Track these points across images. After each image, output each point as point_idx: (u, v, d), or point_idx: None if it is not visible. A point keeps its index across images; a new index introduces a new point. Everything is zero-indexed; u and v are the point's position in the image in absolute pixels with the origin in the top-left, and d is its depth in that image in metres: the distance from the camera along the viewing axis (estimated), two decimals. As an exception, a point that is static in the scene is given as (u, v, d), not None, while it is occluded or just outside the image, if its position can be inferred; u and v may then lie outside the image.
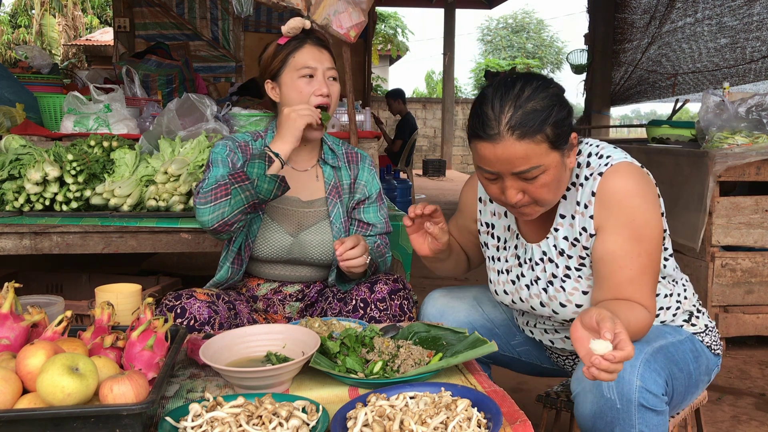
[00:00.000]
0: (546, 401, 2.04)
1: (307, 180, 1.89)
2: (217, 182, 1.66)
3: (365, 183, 1.95)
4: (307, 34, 1.81)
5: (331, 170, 1.91)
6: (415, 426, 1.02)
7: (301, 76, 1.78)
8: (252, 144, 1.88)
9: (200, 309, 1.64)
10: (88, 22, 19.72)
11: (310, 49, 1.79)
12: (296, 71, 1.78)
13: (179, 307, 1.63)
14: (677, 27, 7.12)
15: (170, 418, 1.07)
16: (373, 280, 1.77)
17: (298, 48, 1.79)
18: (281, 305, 1.88)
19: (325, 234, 1.85)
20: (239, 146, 1.85)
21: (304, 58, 1.78)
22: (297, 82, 1.78)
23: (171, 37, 6.82)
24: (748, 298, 3.31)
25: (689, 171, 3.35)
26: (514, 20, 28.47)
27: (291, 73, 1.78)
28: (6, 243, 2.31)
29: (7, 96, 3.34)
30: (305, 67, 1.77)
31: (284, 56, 1.79)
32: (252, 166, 1.65)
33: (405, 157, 8.41)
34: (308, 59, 1.78)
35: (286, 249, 1.82)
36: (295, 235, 1.83)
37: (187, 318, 1.62)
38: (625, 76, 8.10)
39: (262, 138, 1.89)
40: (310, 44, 1.80)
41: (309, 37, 1.81)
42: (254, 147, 1.87)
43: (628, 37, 7.96)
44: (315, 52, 1.80)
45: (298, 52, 1.79)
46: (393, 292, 1.74)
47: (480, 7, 13.37)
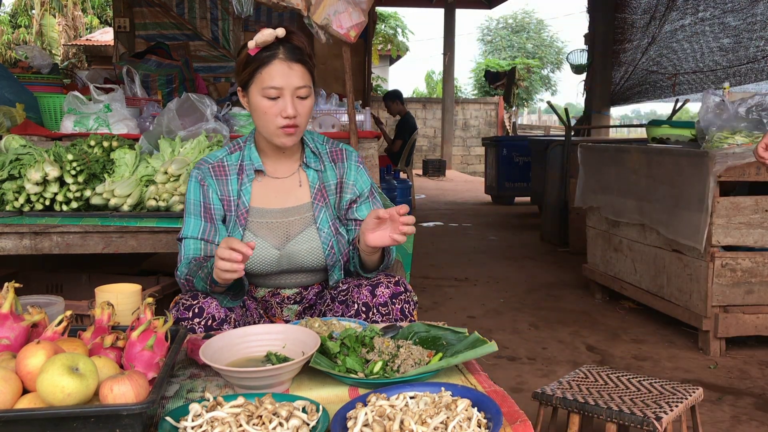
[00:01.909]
0: (542, 399, 2.04)
1: (290, 187, 1.84)
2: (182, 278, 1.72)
3: (354, 181, 1.88)
4: (280, 44, 1.68)
5: (314, 174, 1.85)
6: (415, 426, 1.02)
7: (266, 96, 1.68)
8: (227, 160, 1.82)
9: (217, 308, 1.63)
10: (88, 22, 19.72)
11: (278, 66, 1.66)
12: (262, 89, 1.67)
13: (197, 307, 1.62)
14: (678, 27, 7.12)
15: (170, 418, 1.07)
16: (375, 283, 1.74)
17: (265, 63, 1.67)
18: (279, 308, 1.87)
19: (314, 241, 1.81)
20: (212, 169, 1.80)
21: (270, 76, 1.66)
22: (262, 102, 1.68)
23: (171, 37, 6.81)
24: (748, 298, 3.31)
25: (689, 171, 3.35)
26: (514, 20, 28.46)
27: (257, 89, 1.68)
28: (6, 243, 2.31)
29: (7, 96, 3.34)
30: (271, 87, 1.66)
31: (252, 70, 1.68)
32: (198, 281, 1.64)
33: (405, 157, 8.42)
34: (275, 77, 1.66)
35: (274, 263, 1.79)
36: (281, 247, 1.79)
37: (205, 317, 1.61)
38: (625, 76, 8.10)
39: (240, 150, 1.83)
40: (280, 60, 1.66)
41: (280, 51, 1.67)
42: (229, 163, 1.81)
43: (628, 37, 7.95)
44: (284, 68, 1.66)
45: (265, 69, 1.67)
46: (395, 295, 1.71)
47: (480, 7, 13.37)
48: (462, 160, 16.22)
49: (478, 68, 24.72)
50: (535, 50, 27.25)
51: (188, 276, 1.69)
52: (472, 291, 4.70)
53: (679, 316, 3.53)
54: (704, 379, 3.05)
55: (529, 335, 3.71)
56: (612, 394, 2.01)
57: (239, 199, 1.80)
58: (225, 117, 3.33)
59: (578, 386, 2.07)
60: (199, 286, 1.64)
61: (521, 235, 7.00)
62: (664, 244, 3.62)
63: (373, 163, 3.40)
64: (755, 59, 6.18)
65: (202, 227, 1.78)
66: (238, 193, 1.80)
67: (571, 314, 4.10)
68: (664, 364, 3.25)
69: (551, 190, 6.33)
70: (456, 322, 3.88)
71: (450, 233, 7.22)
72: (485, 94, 20.85)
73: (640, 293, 3.87)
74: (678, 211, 3.45)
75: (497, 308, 4.27)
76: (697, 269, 3.35)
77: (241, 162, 1.82)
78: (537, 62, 25.11)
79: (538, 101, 25.88)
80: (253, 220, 1.80)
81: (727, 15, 6.45)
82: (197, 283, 1.64)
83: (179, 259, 1.78)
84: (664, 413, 1.85)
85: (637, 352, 3.42)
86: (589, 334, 3.72)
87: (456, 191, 11.39)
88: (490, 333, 3.69)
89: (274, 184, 1.83)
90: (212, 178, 1.80)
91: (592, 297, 4.46)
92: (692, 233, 3.31)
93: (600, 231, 4.33)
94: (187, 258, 1.75)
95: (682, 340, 3.58)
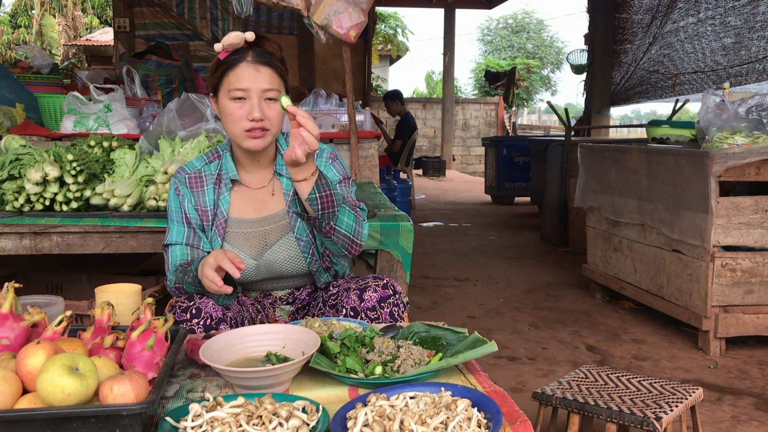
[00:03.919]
0: (542, 399, 2.04)
1: (264, 197, 1.81)
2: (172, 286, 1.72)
3: None
4: (249, 49, 1.65)
5: (287, 181, 1.80)
6: (415, 426, 1.02)
7: (233, 98, 1.65)
8: (204, 170, 1.80)
9: (214, 307, 1.63)
10: (88, 22, 19.72)
11: (245, 68, 1.64)
12: (229, 92, 1.65)
13: (194, 308, 1.61)
14: (679, 27, 7.12)
15: (170, 418, 1.07)
16: (363, 287, 1.71)
17: (232, 66, 1.64)
18: (272, 308, 1.87)
19: (292, 249, 1.79)
20: (189, 179, 1.79)
21: (237, 78, 1.64)
22: (229, 104, 1.66)
23: (171, 37, 6.82)
24: (748, 298, 3.31)
25: (689, 171, 3.35)
26: (514, 20, 28.46)
27: (225, 93, 1.66)
28: (6, 243, 2.31)
29: (7, 96, 3.34)
30: (237, 89, 1.64)
31: (220, 73, 1.66)
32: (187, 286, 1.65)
33: (405, 157, 8.42)
34: (242, 80, 1.63)
35: (253, 272, 1.78)
36: (258, 257, 1.78)
37: (203, 317, 1.61)
38: (625, 76, 8.10)
39: (219, 159, 1.81)
40: (247, 62, 1.64)
41: (249, 54, 1.65)
42: (207, 172, 1.80)
43: (629, 37, 7.96)
44: (250, 71, 1.64)
45: (232, 71, 1.64)
46: (383, 299, 1.70)
47: (480, 7, 13.38)
48: (462, 160, 16.22)
49: (478, 68, 24.72)
50: (535, 50, 27.25)
51: (177, 284, 1.70)
52: (471, 291, 4.70)
53: (679, 316, 3.53)
54: (704, 379, 3.05)
55: (529, 335, 3.71)
56: (612, 394, 2.01)
57: (217, 209, 1.78)
58: (225, 117, 3.33)
59: (578, 386, 2.07)
60: (190, 290, 1.65)
61: (521, 235, 7.00)
62: (664, 244, 3.62)
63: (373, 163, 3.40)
64: (756, 59, 6.18)
65: (185, 233, 1.78)
66: (215, 203, 1.78)
67: (571, 314, 4.10)
68: (664, 364, 3.25)
69: (551, 190, 6.33)
70: (456, 322, 3.88)
71: (450, 233, 7.22)
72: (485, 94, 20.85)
73: (640, 293, 3.87)
74: (678, 211, 3.45)
75: (497, 308, 4.27)
76: (697, 269, 3.35)
77: (219, 171, 1.80)
78: (537, 62, 25.11)
79: (538, 101, 25.89)
80: (230, 230, 1.78)
81: (729, 15, 6.45)
82: (188, 288, 1.65)
83: (167, 267, 1.77)
84: (664, 413, 1.85)
85: (637, 352, 3.42)
86: (589, 334, 3.72)
87: (456, 191, 11.39)
88: (490, 333, 3.69)
89: (250, 193, 1.81)
90: (187, 188, 1.79)
91: (592, 297, 4.46)
92: (696, 233, 3.31)
93: (600, 231, 4.33)
94: (174, 265, 1.76)
95: (682, 340, 3.58)
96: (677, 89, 7.30)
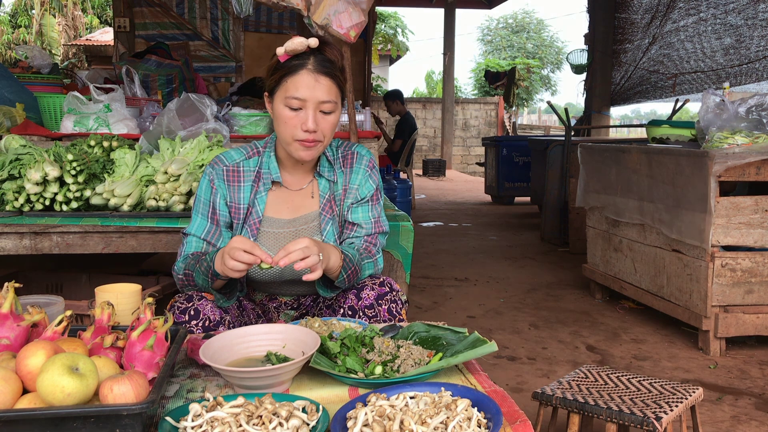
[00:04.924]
0: (542, 399, 2.04)
1: (302, 198, 1.81)
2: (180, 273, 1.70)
3: (358, 185, 1.83)
4: (311, 55, 1.62)
5: (326, 183, 1.80)
6: (415, 426, 1.02)
7: (288, 105, 1.63)
8: (243, 164, 1.77)
9: (212, 310, 1.62)
10: (88, 22, 19.73)
11: (304, 76, 1.61)
12: (284, 98, 1.63)
13: (192, 309, 1.61)
14: (679, 27, 7.12)
15: (170, 418, 1.07)
16: (360, 286, 1.71)
17: (291, 73, 1.62)
18: (276, 312, 1.87)
19: None
20: (227, 172, 1.76)
21: (295, 86, 1.61)
22: (284, 110, 1.64)
23: (171, 37, 6.82)
24: (748, 298, 3.31)
25: (689, 171, 3.35)
26: (514, 20, 28.46)
27: (281, 98, 1.64)
28: (6, 243, 2.31)
29: (7, 96, 3.34)
30: (294, 98, 1.62)
31: (279, 77, 1.64)
32: (198, 275, 1.61)
33: (405, 157, 8.42)
34: (300, 88, 1.61)
35: (278, 273, 1.76)
36: None
37: (202, 319, 1.60)
38: (625, 76, 8.10)
39: (259, 155, 1.79)
40: (307, 70, 1.61)
41: (309, 61, 1.62)
42: (246, 168, 1.77)
43: (629, 37, 7.96)
44: (310, 80, 1.61)
45: (290, 78, 1.62)
46: (380, 297, 1.69)
47: (480, 7, 13.38)
48: (462, 160, 16.22)
49: (478, 68, 24.73)
50: (535, 50, 27.24)
51: (186, 270, 1.68)
52: (472, 291, 4.70)
53: (679, 316, 3.53)
54: (704, 379, 3.05)
55: (529, 335, 3.71)
56: (612, 394, 2.01)
57: (252, 208, 1.76)
58: (225, 117, 3.33)
59: (578, 386, 2.07)
60: (199, 280, 1.62)
61: (521, 235, 7.00)
62: (664, 244, 3.62)
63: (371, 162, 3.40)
64: (756, 59, 6.18)
65: (207, 228, 1.76)
66: (250, 202, 1.76)
67: (571, 314, 4.10)
68: (664, 364, 3.25)
69: (551, 190, 6.33)
70: (456, 322, 3.88)
71: (450, 233, 7.22)
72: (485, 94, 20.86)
73: (640, 293, 3.87)
74: (681, 212, 3.45)
75: (497, 308, 4.27)
76: (697, 269, 3.35)
77: (258, 169, 1.78)
78: (537, 62, 25.11)
79: (538, 101, 25.89)
80: (262, 229, 1.77)
81: (729, 14, 6.45)
82: (197, 277, 1.62)
83: (179, 254, 1.76)
84: (664, 413, 1.85)
85: (637, 352, 3.42)
86: (589, 334, 3.72)
87: (456, 191, 11.39)
88: (490, 333, 3.69)
89: (288, 194, 1.80)
90: (224, 181, 1.76)
91: (592, 297, 4.46)
92: (696, 233, 3.31)
93: (600, 231, 4.33)
94: (186, 254, 1.75)
95: (682, 340, 3.58)
96: (677, 89, 7.30)
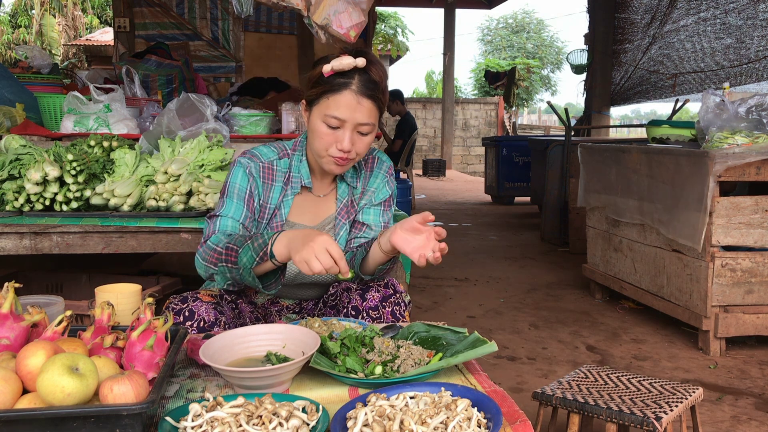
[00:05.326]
0: (542, 399, 2.04)
1: (325, 204, 1.81)
2: (215, 246, 1.61)
3: (375, 189, 1.84)
4: (356, 73, 1.60)
5: (346, 188, 1.81)
6: (415, 426, 1.02)
7: (326, 123, 1.61)
8: (277, 164, 1.75)
9: (207, 311, 1.61)
10: (88, 22, 19.73)
11: (347, 97, 1.59)
12: (324, 115, 1.61)
13: (187, 310, 1.61)
14: (679, 26, 7.11)
15: (170, 418, 1.07)
16: (365, 287, 1.72)
17: (334, 91, 1.59)
18: (277, 315, 1.87)
19: None
20: (263, 169, 1.74)
21: (336, 104, 1.59)
22: (321, 126, 1.62)
23: (171, 37, 6.81)
24: (748, 298, 3.31)
25: (689, 171, 3.35)
26: (514, 20, 28.47)
27: (319, 113, 1.62)
28: (6, 243, 2.31)
29: (7, 96, 3.34)
30: (333, 117, 1.60)
31: (321, 91, 1.62)
32: (246, 251, 1.53)
33: (405, 157, 8.42)
34: (341, 108, 1.59)
35: (292, 277, 1.77)
36: None
37: (196, 320, 1.60)
38: (625, 76, 8.10)
39: (287, 157, 1.77)
40: (351, 92, 1.59)
41: (354, 81, 1.60)
42: (278, 168, 1.75)
43: (629, 37, 7.96)
44: (352, 101, 1.59)
45: (333, 96, 1.60)
46: (384, 299, 1.70)
47: (480, 7, 13.38)
48: (462, 160, 16.22)
49: (478, 68, 24.74)
50: (535, 50, 27.25)
51: (231, 245, 1.58)
52: (472, 291, 4.70)
53: (679, 316, 3.53)
54: (704, 379, 3.05)
55: (529, 335, 3.71)
56: (612, 394, 2.01)
57: (277, 210, 1.75)
58: (225, 117, 3.33)
59: (578, 386, 2.07)
60: (244, 257, 1.54)
61: (521, 235, 7.00)
62: (664, 244, 3.62)
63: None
64: (756, 59, 6.18)
65: (244, 213, 1.71)
66: (278, 204, 1.75)
67: (571, 314, 4.10)
68: (664, 364, 3.25)
69: (551, 190, 6.33)
70: (456, 322, 3.88)
71: (450, 233, 7.18)
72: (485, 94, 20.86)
73: (640, 293, 3.87)
74: (677, 211, 3.45)
75: (497, 308, 4.27)
76: (697, 269, 3.35)
77: (289, 171, 1.76)
78: (537, 62, 25.12)
79: (538, 101, 25.90)
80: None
81: (729, 14, 6.45)
82: (244, 253, 1.54)
83: (211, 231, 1.68)
84: (664, 413, 1.85)
85: (637, 352, 3.42)
86: (589, 334, 3.72)
87: (456, 191, 11.39)
88: (490, 333, 3.69)
89: (312, 200, 1.79)
90: (260, 178, 1.74)
91: (592, 297, 4.46)
92: (690, 233, 3.31)
93: (600, 231, 4.33)
94: (222, 232, 1.66)
95: (682, 340, 3.58)
96: (677, 89, 7.30)
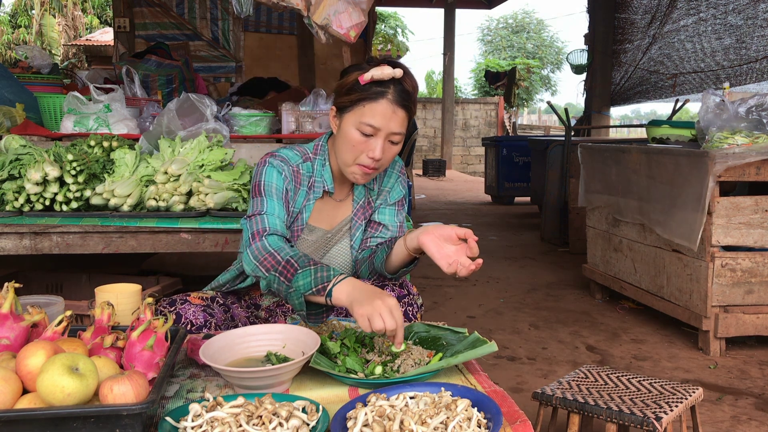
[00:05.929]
0: (542, 399, 2.04)
1: (342, 209, 1.81)
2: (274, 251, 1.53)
3: (389, 188, 1.84)
4: (392, 83, 1.60)
5: (362, 190, 1.80)
6: (415, 426, 1.02)
7: (360, 131, 1.61)
8: (301, 167, 1.73)
9: (195, 313, 1.62)
10: (88, 22, 19.73)
11: (384, 106, 1.59)
12: (359, 122, 1.60)
13: (174, 313, 1.62)
14: (679, 27, 7.11)
15: (170, 418, 1.07)
16: (380, 286, 1.72)
17: (371, 99, 1.59)
18: (283, 317, 1.87)
19: (345, 255, 1.79)
20: (293, 172, 1.71)
21: (372, 113, 1.59)
22: (354, 133, 1.61)
23: (171, 37, 6.81)
24: (748, 298, 3.31)
25: (689, 171, 3.35)
26: (514, 20, 28.47)
27: (353, 120, 1.61)
28: (6, 243, 2.31)
29: (7, 96, 3.34)
30: (369, 125, 1.59)
31: (356, 99, 1.61)
32: (305, 275, 1.46)
33: (405, 157, 8.42)
34: (377, 116, 1.59)
35: None
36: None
37: (184, 323, 1.61)
38: (625, 76, 8.10)
39: (310, 161, 1.75)
40: (387, 101, 1.59)
41: (390, 91, 1.60)
42: (304, 172, 1.73)
43: (629, 37, 7.96)
44: (388, 111, 1.59)
45: (369, 104, 1.59)
46: (399, 298, 1.71)
47: (480, 7, 13.37)
48: (462, 160, 16.22)
49: (478, 68, 24.73)
50: (535, 50, 27.25)
51: (292, 259, 1.50)
52: (472, 291, 4.70)
53: (679, 316, 3.53)
54: (704, 379, 3.05)
55: (529, 335, 3.71)
56: (612, 394, 2.01)
57: (299, 215, 1.74)
58: (225, 117, 3.33)
59: (578, 386, 2.07)
60: (302, 280, 1.46)
61: (521, 235, 7.00)
62: (664, 244, 3.62)
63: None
64: (756, 59, 6.18)
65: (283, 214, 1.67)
66: (300, 208, 1.74)
67: (571, 314, 4.10)
68: (664, 364, 3.25)
69: (551, 190, 6.33)
70: (456, 322, 3.88)
71: (450, 233, 7.20)
72: (485, 94, 20.86)
73: (640, 293, 3.87)
74: (675, 211, 3.45)
75: (497, 308, 4.27)
76: (697, 269, 3.35)
77: (312, 176, 1.75)
78: (537, 62, 25.12)
79: (538, 101, 25.91)
80: (302, 237, 1.75)
81: (729, 14, 6.45)
82: (303, 276, 1.46)
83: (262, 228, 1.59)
84: (664, 413, 1.85)
85: (637, 352, 3.42)
86: (589, 334, 3.72)
87: (456, 191, 11.39)
88: (490, 333, 3.69)
89: (332, 205, 1.79)
90: (293, 180, 1.72)
91: (592, 297, 4.46)
92: (687, 233, 3.31)
93: (600, 231, 4.33)
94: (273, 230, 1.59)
95: (682, 340, 3.58)
96: (677, 89, 7.30)
